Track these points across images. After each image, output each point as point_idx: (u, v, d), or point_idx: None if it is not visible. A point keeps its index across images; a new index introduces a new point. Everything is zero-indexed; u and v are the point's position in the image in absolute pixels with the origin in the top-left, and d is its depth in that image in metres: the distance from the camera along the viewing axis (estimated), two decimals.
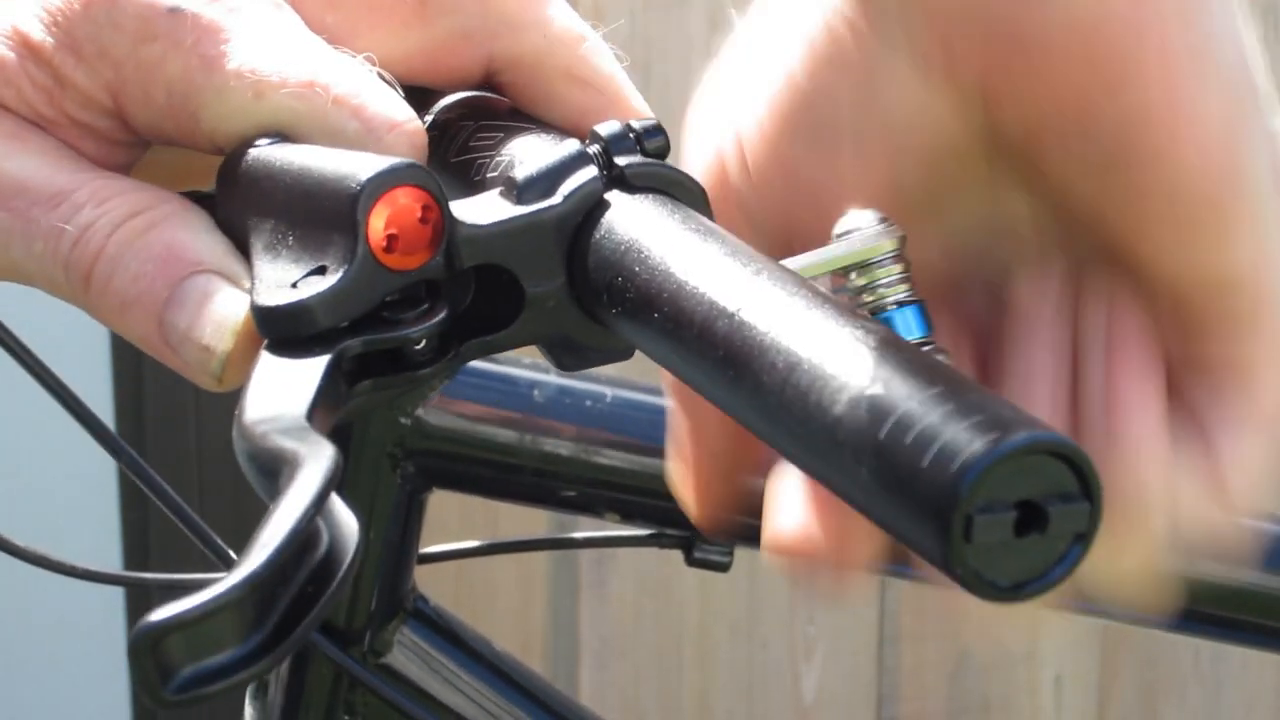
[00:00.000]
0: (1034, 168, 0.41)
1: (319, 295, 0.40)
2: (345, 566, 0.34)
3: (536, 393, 0.68)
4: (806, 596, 1.58)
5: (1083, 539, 0.32)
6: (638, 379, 0.70)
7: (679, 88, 1.72)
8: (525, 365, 0.69)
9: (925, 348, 0.40)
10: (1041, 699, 1.83)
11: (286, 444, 0.36)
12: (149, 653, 0.32)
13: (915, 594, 1.78)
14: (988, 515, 0.31)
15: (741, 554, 0.72)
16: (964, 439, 0.31)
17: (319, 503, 0.34)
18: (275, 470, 0.35)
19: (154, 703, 0.32)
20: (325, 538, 0.34)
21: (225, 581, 0.32)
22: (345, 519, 0.35)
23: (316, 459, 0.35)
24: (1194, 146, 0.39)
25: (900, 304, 0.41)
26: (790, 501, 0.43)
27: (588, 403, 0.68)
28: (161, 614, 0.32)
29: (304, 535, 0.33)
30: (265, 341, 0.41)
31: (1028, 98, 0.40)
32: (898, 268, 0.42)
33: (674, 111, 0.49)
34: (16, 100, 0.45)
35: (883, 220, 0.42)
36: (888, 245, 0.42)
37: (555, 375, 0.69)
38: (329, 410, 0.39)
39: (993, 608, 0.34)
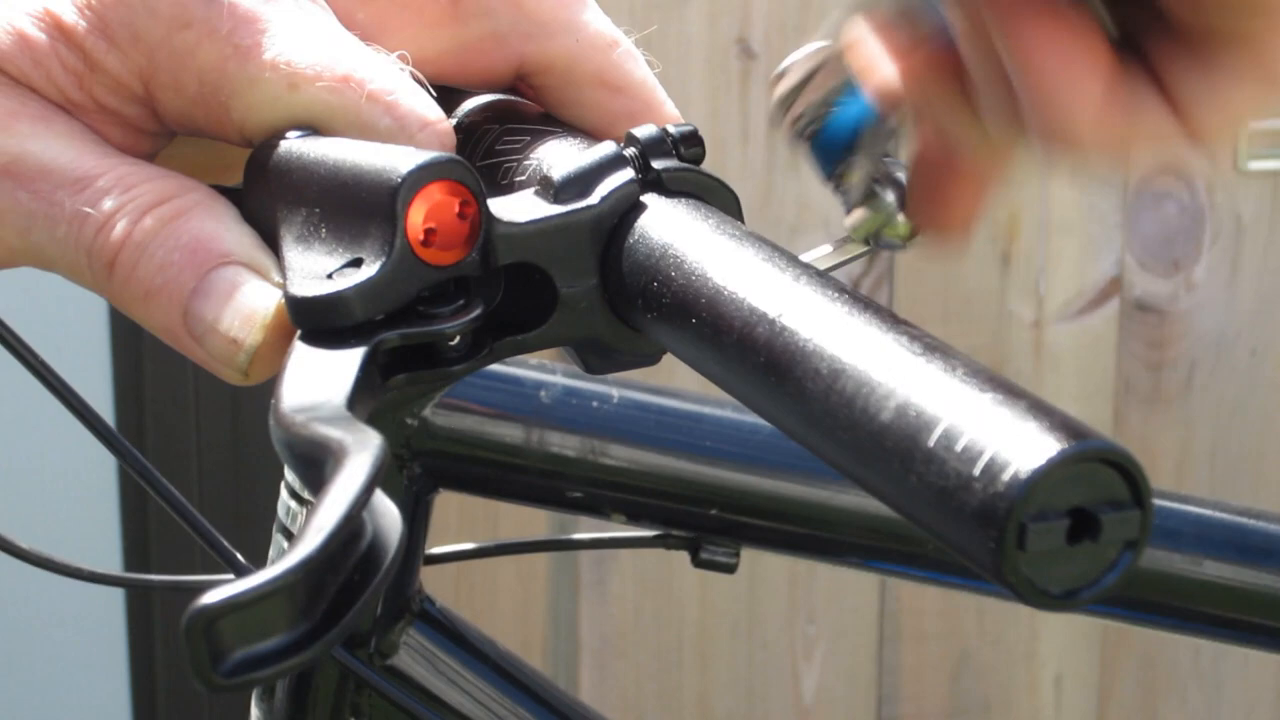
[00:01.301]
0: None
1: (356, 286, 0.40)
2: (390, 556, 0.34)
3: (543, 394, 0.68)
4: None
5: (1134, 546, 0.32)
6: (644, 380, 0.70)
7: (679, 88, 1.72)
8: (531, 366, 0.69)
9: None
10: (1041, 699, 1.83)
11: (331, 432, 0.36)
12: (202, 635, 0.32)
13: (915, 594, 1.78)
14: (1041, 523, 0.31)
15: (743, 554, 0.72)
16: (1016, 447, 0.31)
17: (369, 490, 0.34)
18: (318, 459, 0.35)
19: (205, 685, 0.32)
20: (369, 528, 0.34)
21: (279, 566, 0.32)
22: (387, 509, 0.35)
23: (364, 447, 0.35)
24: None
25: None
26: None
27: (594, 404, 0.68)
28: (215, 596, 0.31)
29: (354, 524, 0.33)
30: (297, 334, 0.41)
31: None
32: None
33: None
34: (45, 82, 0.45)
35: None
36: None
37: (562, 376, 0.69)
38: (365, 402, 0.39)
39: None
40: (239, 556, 0.68)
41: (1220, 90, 0.41)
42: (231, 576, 0.68)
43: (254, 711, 0.68)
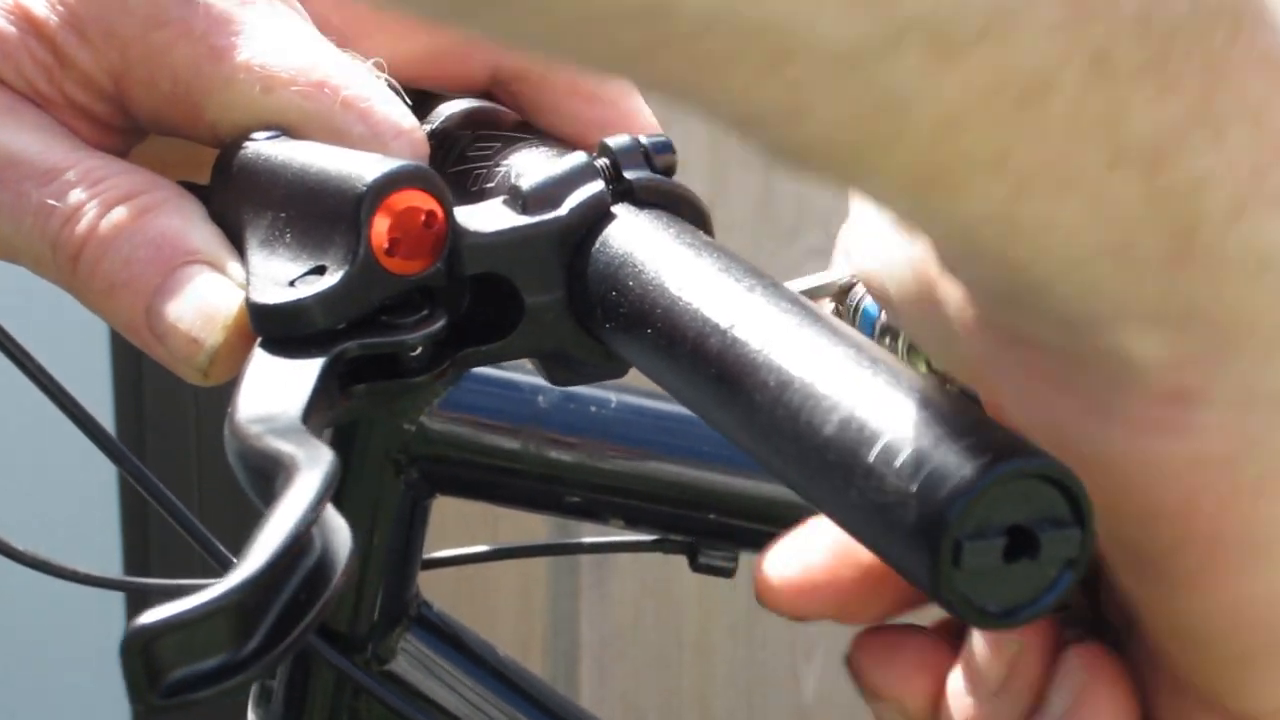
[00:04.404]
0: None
1: (318, 295, 0.40)
2: (339, 575, 0.33)
3: (541, 399, 0.68)
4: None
5: (1073, 565, 0.32)
6: (642, 385, 0.70)
7: None
8: (529, 371, 0.69)
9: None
10: None
11: (283, 446, 0.35)
12: (140, 654, 0.31)
13: None
14: (977, 541, 0.31)
15: (743, 557, 0.72)
16: (954, 463, 0.31)
17: (316, 509, 0.33)
18: (269, 472, 0.35)
19: (142, 706, 0.32)
20: (318, 545, 0.34)
21: (220, 585, 0.32)
22: (338, 526, 0.34)
23: (315, 464, 0.34)
24: (1234, 617, 0.34)
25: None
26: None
27: (592, 408, 0.68)
28: (154, 615, 0.31)
29: (300, 542, 0.33)
30: (257, 339, 0.40)
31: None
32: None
33: (671, 116, 0.49)
34: (14, 75, 0.45)
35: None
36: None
37: None
38: (323, 413, 0.39)
39: None
40: (235, 559, 0.68)
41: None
42: None
43: (250, 716, 0.68)
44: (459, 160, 0.46)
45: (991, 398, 0.36)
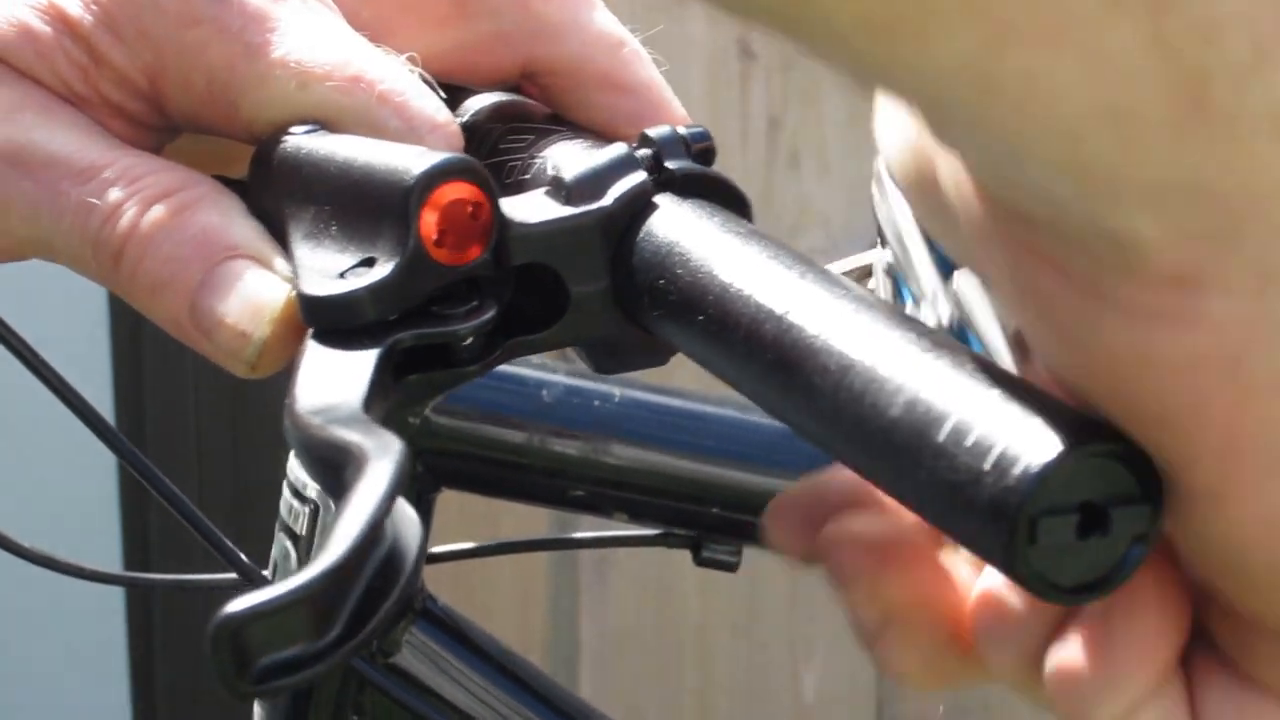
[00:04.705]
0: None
1: (370, 286, 0.40)
2: (412, 562, 0.34)
3: (545, 393, 0.68)
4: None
5: (1143, 540, 0.32)
6: (645, 379, 0.70)
7: (680, 90, 1.72)
8: (534, 365, 0.69)
9: None
10: None
11: (350, 436, 0.36)
12: (229, 643, 0.32)
13: None
14: (1051, 518, 0.31)
15: (745, 553, 0.72)
16: (1026, 442, 0.31)
17: (392, 498, 0.34)
18: (337, 462, 0.35)
19: (232, 693, 0.32)
20: (389, 535, 0.34)
21: (303, 574, 0.32)
22: (407, 514, 0.35)
23: (385, 453, 0.35)
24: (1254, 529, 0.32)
25: None
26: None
27: (596, 402, 0.68)
28: (241, 604, 0.32)
29: (376, 532, 0.33)
30: (305, 331, 0.41)
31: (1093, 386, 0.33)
32: None
33: None
34: (50, 75, 0.45)
35: None
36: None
37: (563, 375, 0.69)
38: (381, 403, 0.39)
39: None
40: (242, 556, 0.68)
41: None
42: (233, 575, 0.69)
43: (257, 710, 0.69)
44: (492, 153, 0.47)
45: (994, 285, 0.34)
